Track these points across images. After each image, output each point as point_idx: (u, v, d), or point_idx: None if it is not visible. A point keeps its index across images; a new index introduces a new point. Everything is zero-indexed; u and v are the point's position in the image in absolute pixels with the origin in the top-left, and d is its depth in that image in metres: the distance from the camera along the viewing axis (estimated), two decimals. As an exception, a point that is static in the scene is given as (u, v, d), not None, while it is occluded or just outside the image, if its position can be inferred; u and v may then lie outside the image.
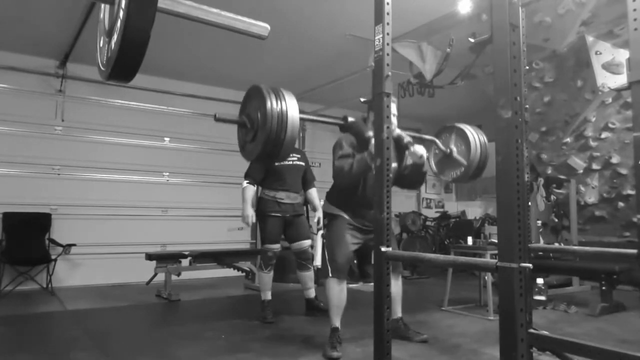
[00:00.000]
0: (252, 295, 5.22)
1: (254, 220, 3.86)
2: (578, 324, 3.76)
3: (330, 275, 3.02)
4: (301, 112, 2.09)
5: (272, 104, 1.96)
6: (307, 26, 4.74)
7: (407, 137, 3.03)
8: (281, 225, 3.92)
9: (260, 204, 3.91)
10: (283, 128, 1.96)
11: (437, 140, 3.26)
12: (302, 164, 4.07)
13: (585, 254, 4.33)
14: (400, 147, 3.00)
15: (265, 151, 2.01)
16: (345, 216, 3.06)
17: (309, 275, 4.04)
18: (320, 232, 4.59)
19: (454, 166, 3.30)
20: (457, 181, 3.49)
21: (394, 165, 3.01)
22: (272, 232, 3.88)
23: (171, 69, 5.95)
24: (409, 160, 3.03)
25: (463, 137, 3.23)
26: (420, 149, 2.95)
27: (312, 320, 3.89)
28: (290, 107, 2.00)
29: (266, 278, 3.94)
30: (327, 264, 3.07)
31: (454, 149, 3.27)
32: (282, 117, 1.96)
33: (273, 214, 3.87)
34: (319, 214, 4.02)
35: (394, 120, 2.99)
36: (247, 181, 3.88)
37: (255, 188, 3.90)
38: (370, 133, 2.80)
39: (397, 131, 3.02)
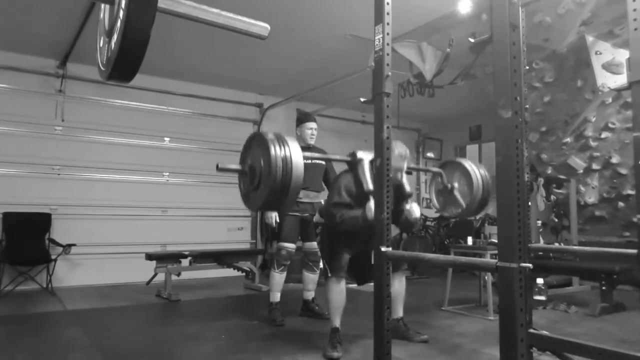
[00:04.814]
0: (252, 295, 5.23)
1: (277, 220, 3.83)
2: (578, 324, 3.76)
3: (329, 274, 3.03)
4: (304, 153, 2.06)
5: (276, 151, 1.91)
6: (307, 26, 4.74)
7: (407, 188, 3.06)
8: (298, 225, 3.88)
9: None
10: (288, 175, 1.90)
11: (443, 173, 3.30)
12: (322, 163, 4.01)
13: (585, 254, 4.33)
14: (400, 194, 3.01)
15: (271, 200, 1.94)
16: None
17: (312, 278, 4.00)
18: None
19: (456, 203, 3.36)
20: (459, 217, 3.53)
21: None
22: (289, 230, 3.83)
23: (171, 69, 5.95)
24: (403, 212, 3.04)
25: (465, 174, 3.27)
26: (415, 211, 3.00)
27: (312, 320, 3.89)
28: (294, 152, 1.94)
29: (278, 278, 3.86)
30: (325, 265, 3.09)
31: (456, 186, 3.32)
32: (287, 163, 1.91)
33: (291, 213, 3.83)
34: None
35: (403, 164, 2.98)
36: None
37: None
38: (371, 187, 2.80)
39: (404, 179, 3.04)
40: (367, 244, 2.72)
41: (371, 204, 2.76)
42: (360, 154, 2.93)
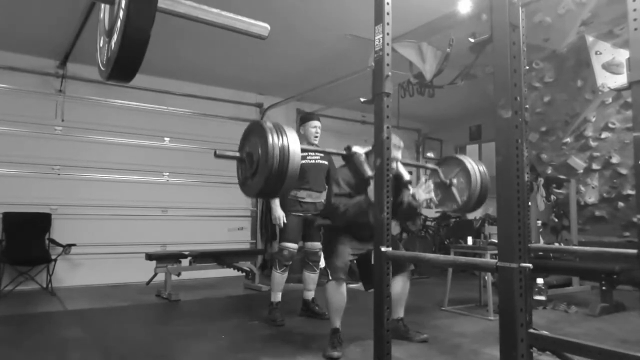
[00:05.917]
0: (252, 295, 5.23)
1: (285, 221, 3.82)
2: (578, 324, 3.76)
3: (329, 278, 3.04)
4: (302, 145, 2.08)
5: (274, 139, 1.95)
6: (307, 26, 4.74)
7: (406, 176, 3.08)
8: (301, 225, 3.87)
9: (281, 203, 3.87)
10: (285, 163, 1.94)
11: (439, 170, 3.31)
12: (325, 162, 4.02)
13: (585, 254, 4.33)
14: (399, 184, 3.02)
15: (268, 187, 1.99)
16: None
17: (313, 278, 4.00)
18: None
19: (453, 199, 3.37)
20: (457, 212, 3.54)
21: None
22: (291, 231, 3.83)
23: (171, 69, 5.95)
24: (405, 197, 3.05)
25: (464, 171, 3.27)
26: (422, 193, 2.99)
27: (312, 320, 3.89)
28: (292, 142, 1.99)
29: (279, 278, 3.86)
30: (326, 268, 3.10)
31: (454, 182, 3.32)
32: (284, 152, 1.95)
33: (294, 213, 3.83)
34: None
35: (398, 154, 3.00)
36: None
37: None
38: (370, 173, 2.83)
39: (400, 168, 3.06)
40: (370, 241, 2.72)
41: (372, 187, 2.77)
42: (355, 148, 2.99)
